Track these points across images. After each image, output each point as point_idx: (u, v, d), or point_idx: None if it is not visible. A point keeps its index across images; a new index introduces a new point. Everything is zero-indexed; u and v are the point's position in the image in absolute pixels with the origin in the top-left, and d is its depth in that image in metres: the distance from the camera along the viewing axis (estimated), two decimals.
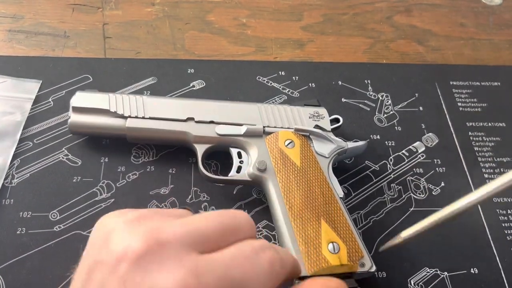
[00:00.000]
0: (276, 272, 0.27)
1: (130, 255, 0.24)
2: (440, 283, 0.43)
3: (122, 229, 0.26)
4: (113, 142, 0.49)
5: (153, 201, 0.46)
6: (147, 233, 0.25)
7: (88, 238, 0.29)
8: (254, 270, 0.26)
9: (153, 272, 0.24)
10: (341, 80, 0.58)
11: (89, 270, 0.26)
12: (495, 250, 0.46)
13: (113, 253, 0.25)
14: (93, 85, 0.53)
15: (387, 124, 0.54)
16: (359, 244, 0.39)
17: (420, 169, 0.51)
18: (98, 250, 0.27)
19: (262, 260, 0.26)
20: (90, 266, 0.26)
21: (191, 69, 0.56)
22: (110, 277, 0.25)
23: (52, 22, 0.59)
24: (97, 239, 0.28)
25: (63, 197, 0.45)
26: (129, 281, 0.24)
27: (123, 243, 0.25)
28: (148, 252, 0.24)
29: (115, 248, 0.25)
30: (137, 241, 0.25)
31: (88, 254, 0.28)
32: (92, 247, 0.28)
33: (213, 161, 0.48)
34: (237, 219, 0.28)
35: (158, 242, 0.25)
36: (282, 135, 0.45)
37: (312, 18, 0.65)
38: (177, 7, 0.63)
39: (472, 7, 0.69)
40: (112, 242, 0.26)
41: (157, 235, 0.25)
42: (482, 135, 0.55)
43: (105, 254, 0.26)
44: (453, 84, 0.60)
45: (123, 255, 0.25)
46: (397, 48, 0.63)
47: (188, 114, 0.46)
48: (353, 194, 0.48)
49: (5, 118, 0.49)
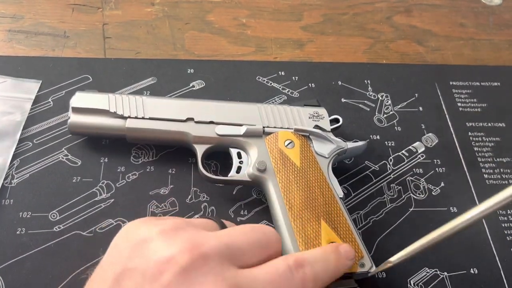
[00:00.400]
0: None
1: (174, 266, 0.25)
2: (440, 283, 0.43)
3: (159, 238, 0.27)
4: (113, 142, 0.49)
5: (153, 201, 0.46)
6: (189, 245, 0.26)
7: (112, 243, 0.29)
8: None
9: (197, 285, 0.24)
10: (341, 80, 0.58)
11: (117, 277, 0.26)
12: (495, 250, 0.46)
13: (151, 261, 0.25)
14: (93, 85, 0.53)
15: (387, 124, 0.54)
16: (359, 244, 0.39)
17: (420, 169, 0.51)
18: (129, 257, 0.27)
19: (296, 279, 0.27)
20: (119, 273, 0.26)
21: (191, 69, 0.56)
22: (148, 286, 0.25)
23: (52, 22, 0.59)
24: (126, 246, 0.28)
25: (63, 197, 0.45)
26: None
27: (165, 253, 0.26)
28: (192, 264, 0.25)
29: (154, 257, 0.26)
30: (181, 252, 0.25)
31: (115, 261, 0.27)
32: (119, 254, 0.28)
33: (213, 162, 0.48)
34: (267, 235, 0.30)
35: (201, 255, 0.26)
36: (281, 135, 0.45)
37: (312, 18, 0.65)
38: (177, 7, 0.63)
39: (472, 7, 0.69)
40: (149, 251, 0.26)
41: (199, 247, 0.26)
42: (482, 135, 0.55)
43: (139, 262, 0.26)
44: (453, 84, 0.60)
45: (166, 264, 0.25)
46: (397, 48, 0.63)
47: (187, 115, 0.46)
48: (353, 194, 0.48)
49: (5, 118, 0.49)
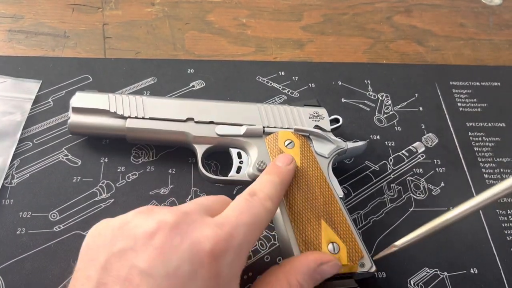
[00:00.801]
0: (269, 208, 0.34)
1: (164, 226, 0.28)
2: (440, 283, 0.43)
3: (138, 217, 0.30)
4: (113, 142, 0.49)
5: (153, 201, 0.46)
6: (170, 209, 0.30)
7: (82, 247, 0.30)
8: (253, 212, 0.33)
9: (188, 233, 0.29)
10: (341, 80, 0.58)
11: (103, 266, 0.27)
12: (495, 250, 0.46)
13: (138, 234, 0.28)
14: (93, 85, 0.53)
15: (387, 124, 0.54)
16: (359, 244, 0.39)
17: (420, 169, 0.51)
18: (111, 244, 0.28)
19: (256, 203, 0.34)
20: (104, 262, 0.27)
21: (191, 69, 0.56)
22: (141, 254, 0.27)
23: (52, 22, 0.59)
24: (102, 240, 0.29)
25: (63, 197, 0.45)
26: (167, 247, 0.27)
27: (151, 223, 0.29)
28: (178, 221, 0.29)
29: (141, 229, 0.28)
30: (166, 216, 0.29)
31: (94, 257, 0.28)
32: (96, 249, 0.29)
33: (213, 161, 0.49)
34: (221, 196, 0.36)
35: (183, 212, 0.30)
36: (282, 135, 0.45)
37: (312, 18, 0.65)
38: (177, 7, 0.63)
39: (472, 7, 0.69)
40: (132, 229, 0.29)
41: (178, 209, 0.31)
42: (482, 135, 0.55)
43: (124, 242, 0.28)
44: (453, 84, 0.60)
45: (156, 229, 0.28)
46: (397, 48, 0.63)
47: (187, 115, 0.46)
48: (353, 194, 0.48)
49: (5, 118, 0.49)
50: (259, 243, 0.44)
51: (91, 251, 0.29)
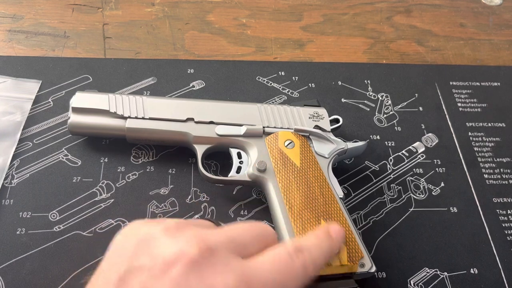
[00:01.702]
0: (309, 273, 0.29)
1: (184, 259, 0.26)
2: (440, 283, 0.43)
3: (164, 236, 0.28)
4: (113, 142, 0.49)
5: (153, 201, 0.46)
6: (196, 239, 0.27)
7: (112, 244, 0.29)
8: (291, 274, 0.28)
9: (207, 275, 0.25)
10: (341, 80, 0.58)
11: (122, 276, 0.26)
12: (495, 250, 0.46)
13: (158, 258, 0.26)
14: (93, 85, 0.53)
15: (387, 124, 0.54)
16: (359, 244, 0.39)
17: (420, 169, 0.51)
18: (133, 256, 0.27)
19: (297, 263, 0.29)
20: (124, 273, 0.26)
21: (191, 69, 0.56)
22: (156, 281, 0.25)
23: (52, 22, 0.59)
24: (128, 246, 0.28)
25: (63, 197, 0.45)
26: (183, 284, 0.25)
27: (172, 249, 0.26)
28: (201, 256, 0.26)
29: (162, 254, 0.26)
30: (189, 246, 0.26)
31: (117, 261, 0.27)
32: (121, 254, 0.28)
33: (213, 162, 0.48)
34: (264, 229, 0.31)
35: (208, 248, 0.27)
36: (282, 135, 0.45)
37: (312, 18, 0.65)
38: (177, 7, 0.63)
39: (472, 7, 0.69)
40: (155, 248, 0.27)
41: (206, 241, 0.27)
42: (482, 135, 0.55)
43: (145, 260, 0.26)
44: (453, 84, 0.60)
45: (175, 259, 0.26)
46: (397, 48, 0.63)
47: (187, 115, 0.46)
48: (353, 194, 0.48)
49: (5, 118, 0.49)
50: None
51: (117, 253, 0.28)
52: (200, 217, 0.45)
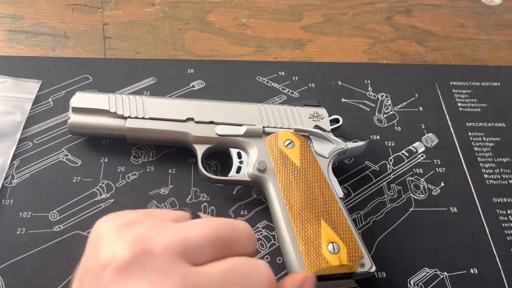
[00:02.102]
0: None
1: (115, 264, 0.24)
2: (439, 283, 0.43)
3: (111, 235, 0.26)
4: (113, 142, 0.49)
5: (153, 201, 0.46)
6: (134, 240, 0.24)
7: None
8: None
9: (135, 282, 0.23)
10: (341, 80, 0.58)
11: (80, 276, 0.26)
12: (495, 250, 0.46)
13: (99, 260, 0.25)
14: (93, 85, 0.53)
15: (387, 124, 0.54)
16: (359, 244, 0.39)
17: (420, 169, 0.51)
18: (89, 256, 0.26)
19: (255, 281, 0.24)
20: (82, 273, 0.26)
21: (191, 69, 0.56)
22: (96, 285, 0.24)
23: (52, 22, 0.59)
24: (90, 243, 0.27)
25: (63, 197, 0.45)
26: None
27: (110, 251, 0.24)
28: (133, 261, 0.23)
29: (102, 255, 0.25)
30: (122, 249, 0.24)
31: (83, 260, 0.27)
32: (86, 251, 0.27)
33: (213, 162, 0.48)
34: (237, 230, 0.26)
35: (144, 251, 0.24)
36: (282, 135, 0.45)
37: (312, 18, 0.65)
38: (177, 7, 0.63)
39: (472, 7, 0.69)
40: (100, 248, 0.25)
41: (144, 243, 0.24)
42: (482, 135, 0.55)
43: (93, 260, 0.25)
44: (453, 84, 0.60)
45: (108, 263, 0.24)
46: (397, 48, 0.63)
47: (188, 115, 0.46)
48: (353, 194, 0.48)
49: (5, 118, 0.49)
50: (259, 243, 0.44)
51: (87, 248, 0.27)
52: None
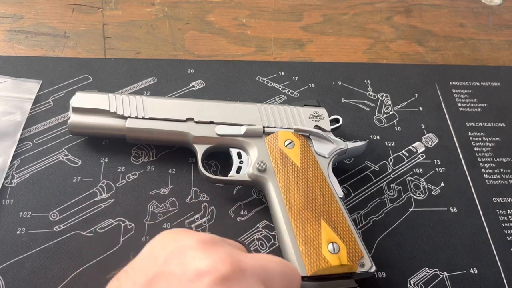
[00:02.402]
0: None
1: (216, 274, 0.25)
2: (439, 283, 0.43)
3: (198, 248, 0.27)
4: (113, 142, 0.49)
5: (153, 201, 0.46)
6: (230, 257, 0.27)
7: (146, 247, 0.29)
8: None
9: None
10: (341, 80, 0.58)
11: (150, 280, 0.26)
12: (495, 250, 0.46)
13: (189, 267, 0.26)
14: (93, 85, 0.53)
15: (387, 124, 0.54)
16: (359, 244, 0.39)
17: (420, 169, 0.51)
18: (165, 262, 0.27)
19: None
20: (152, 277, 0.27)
21: (191, 69, 0.56)
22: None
23: (52, 22, 0.59)
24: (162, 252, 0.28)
25: (63, 197, 0.45)
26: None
27: (205, 262, 0.26)
28: (232, 275, 0.26)
29: (194, 264, 0.26)
30: (221, 262, 0.26)
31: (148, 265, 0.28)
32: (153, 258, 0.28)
33: (213, 161, 0.49)
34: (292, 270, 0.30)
35: (240, 269, 0.26)
36: (282, 135, 0.45)
37: (312, 18, 0.65)
38: (177, 7, 0.63)
39: (472, 7, 0.69)
40: (188, 258, 0.27)
41: (239, 262, 0.27)
42: (482, 135, 0.55)
43: (176, 267, 0.26)
44: (453, 84, 0.60)
45: (207, 271, 0.26)
46: (397, 48, 0.63)
47: (188, 115, 0.46)
48: (353, 194, 0.48)
49: (5, 118, 0.49)
50: (259, 243, 0.44)
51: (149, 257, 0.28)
52: (199, 217, 0.45)
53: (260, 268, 0.28)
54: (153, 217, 0.45)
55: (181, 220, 0.45)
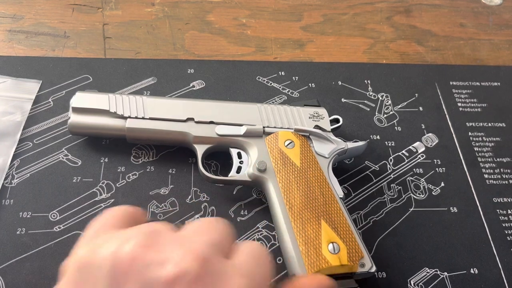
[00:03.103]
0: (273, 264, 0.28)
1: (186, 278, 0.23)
2: (440, 283, 0.43)
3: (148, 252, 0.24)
4: (113, 142, 0.49)
5: (153, 201, 0.46)
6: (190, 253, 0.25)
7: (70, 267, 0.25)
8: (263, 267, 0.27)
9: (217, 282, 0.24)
10: (341, 80, 0.58)
11: None
12: (495, 250, 0.46)
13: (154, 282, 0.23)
14: (93, 85, 0.53)
15: (387, 124, 0.54)
16: (359, 244, 0.39)
17: (420, 169, 0.51)
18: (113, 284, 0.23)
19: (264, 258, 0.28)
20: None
21: (191, 69, 0.56)
22: None
23: (52, 22, 0.59)
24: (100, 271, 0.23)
25: (63, 197, 0.45)
26: None
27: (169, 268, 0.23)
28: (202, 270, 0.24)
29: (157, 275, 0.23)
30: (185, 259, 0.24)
31: None
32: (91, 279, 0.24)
33: (213, 162, 0.48)
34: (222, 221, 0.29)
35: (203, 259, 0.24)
36: (282, 135, 0.45)
37: (312, 18, 0.65)
38: (177, 7, 0.63)
39: (472, 7, 0.69)
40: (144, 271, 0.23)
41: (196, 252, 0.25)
42: (482, 135, 0.55)
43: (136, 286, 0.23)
44: (453, 84, 0.60)
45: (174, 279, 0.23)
46: (397, 48, 0.63)
47: (188, 115, 0.46)
48: (353, 194, 0.48)
49: (5, 118, 0.49)
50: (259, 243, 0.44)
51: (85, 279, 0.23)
52: (200, 217, 0.45)
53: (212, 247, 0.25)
54: (153, 217, 0.45)
55: (181, 220, 0.45)
